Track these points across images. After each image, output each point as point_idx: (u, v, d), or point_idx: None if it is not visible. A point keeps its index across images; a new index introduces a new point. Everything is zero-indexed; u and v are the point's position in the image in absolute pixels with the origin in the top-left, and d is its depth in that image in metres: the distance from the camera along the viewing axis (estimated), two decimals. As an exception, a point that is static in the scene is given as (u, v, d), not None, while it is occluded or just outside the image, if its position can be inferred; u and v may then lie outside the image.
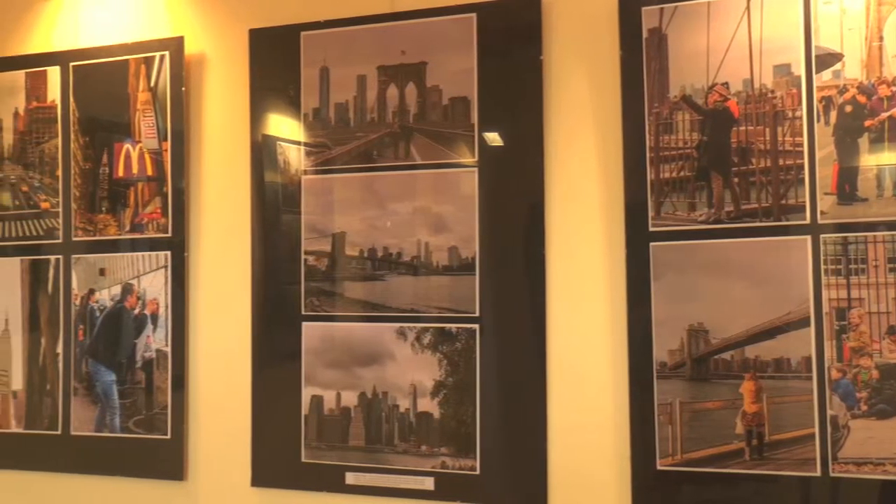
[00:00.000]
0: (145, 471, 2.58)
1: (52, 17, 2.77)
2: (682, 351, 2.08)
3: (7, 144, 2.78)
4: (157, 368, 2.57)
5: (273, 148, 2.48)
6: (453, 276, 2.27)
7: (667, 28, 2.11)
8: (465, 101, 2.27)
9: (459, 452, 2.25)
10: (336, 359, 2.38)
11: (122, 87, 2.63)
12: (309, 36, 2.44)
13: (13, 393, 2.74)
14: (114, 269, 2.65)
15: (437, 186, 2.29)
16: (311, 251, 2.41)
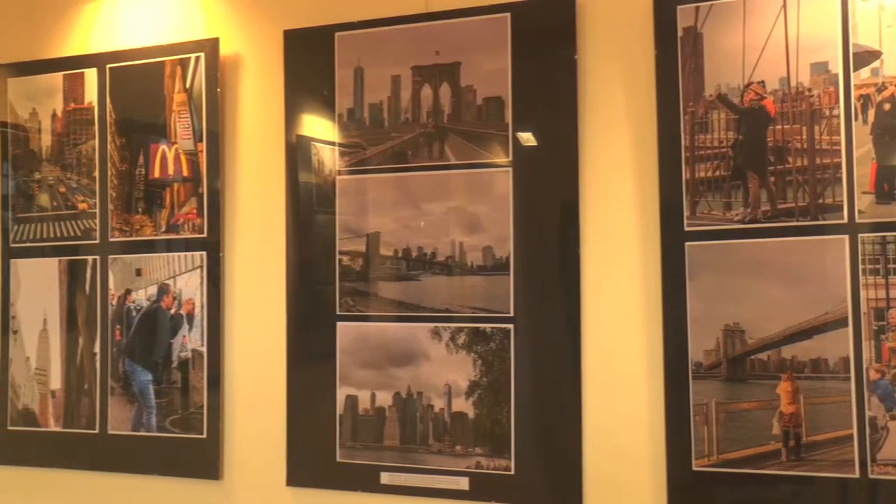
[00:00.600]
0: (181, 470, 2.70)
1: (89, 20, 2.91)
2: (718, 351, 2.15)
3: (45, 146, 2.93)
4: (192, 368, 2.70)
5: (307, 148, 2.59)
6: (487, 276, 2.36)
7: (702, 26, 2.19)
8: (500, 101, 2.37)
9: (494, 452, 2.34)
10: (371, 359, 2.48)
11: (158, 88, 2.76)
12: (343, 37, 2.55)
13: (52, 392, 2.89)
14: (150, 269, 2.78)
15: (472, 186, 2.39)
16: (345, 251, 2.52)
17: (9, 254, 2.96)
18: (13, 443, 2.92)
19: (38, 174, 2.93)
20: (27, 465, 2.90)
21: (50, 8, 2.97)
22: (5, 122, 2.97)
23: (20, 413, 2.91)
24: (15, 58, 2.98)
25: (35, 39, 2.97)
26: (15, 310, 2.95)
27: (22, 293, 2.94)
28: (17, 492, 2.92)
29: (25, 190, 2.95)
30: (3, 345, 2.95)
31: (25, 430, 2.91)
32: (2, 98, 2.97)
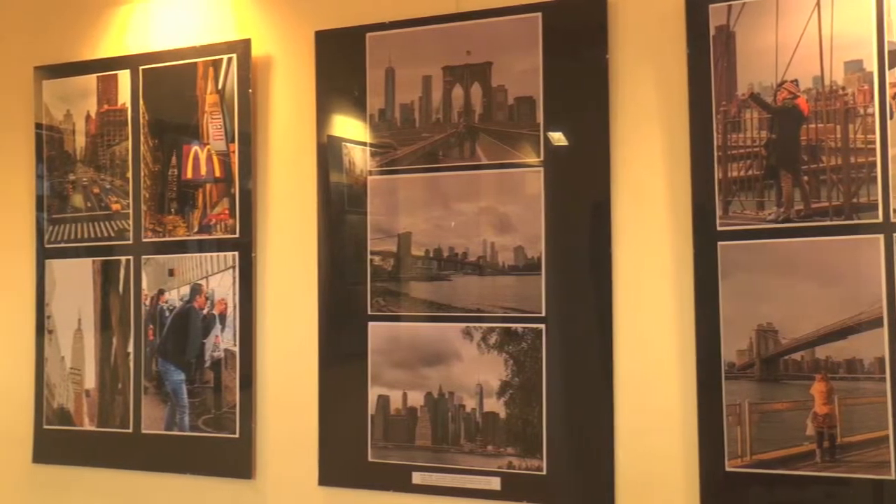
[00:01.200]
0: (214, 469, 2.81)
1: (122, 22, 3.04)
2: (751, 351, 2.22)
3: (79, 147, 3.06)
4: (225, 368, 2.81)
5: (338, 149, 2.70)
6: (519, 275, 2.45)
7: (734, 25, 2.26)
8: (531, 101, 2.45)
9: (526, 453, 2.42)
10: (402, 359, 2.58)
11: (191, 89, 2.88)
12: (374, 37, 2.64)
13: (86, 391, 3.02)
14: (183, 269, 2.90)
15: (503, 186, 2.47)
16: (377, 251, 2.62)
17: (44, 254, 3.10)
18: (49, 441, 3.05)
19: (73, 175, 3.07)
20: (63, 464, 3.04)
21: (84, 11, 3.10)
22: (40, 123, 3.11)
23: (55, 412, 3.05)
24: (50, 60, 3.11)
25: (69, 42, 3.11)
26: (50, 310, 3.08)
27: (57, 293, 3.08)
28: (53, 490, 3.06)
29: (60, 191, 3.08)
30: (39, 344, 3.08)
31: (61, 428, 3.04)
32: (37, 100, 3.11)
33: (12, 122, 3.20)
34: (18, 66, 3.17)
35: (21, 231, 3.17)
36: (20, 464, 3.10)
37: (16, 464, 3.11)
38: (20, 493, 3.11)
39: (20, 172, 3.18)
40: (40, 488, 3.08)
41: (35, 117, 3.12)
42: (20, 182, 3.18)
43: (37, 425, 3.08)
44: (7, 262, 3.19)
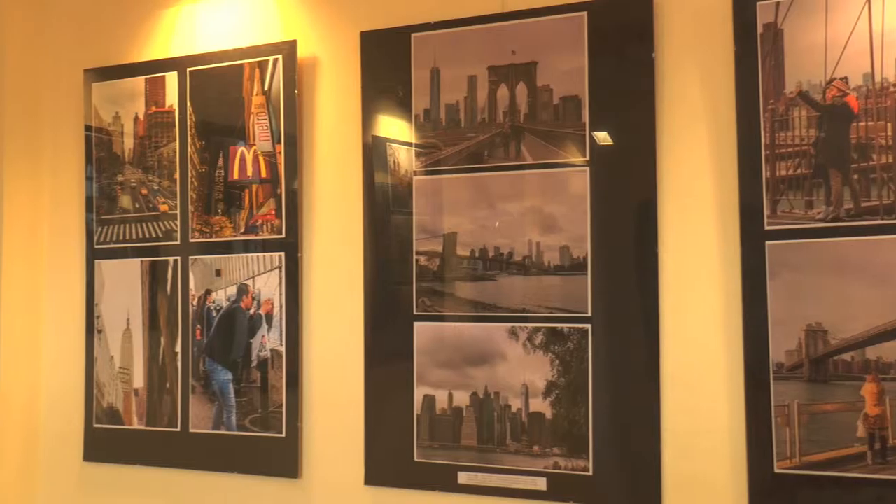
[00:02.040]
0: (261, 468, 2.94)
1: (169, 25, 3.19)
2: (800, 351, 2.28)
3: (128, 149, 3.22)
4: (271, 367, 2.94)
5: (383, 149, 2.81)
6: (565, 275, 2.54)
7: (782, 23, 2.32)
8: (576, 101, 2.54)
9: (572, 453, 2.51)
10: (448, 358, 2.68)
11: (237, 91, 3.02)
12: (420, 37, 2.75)
13: (135, 391, 3.17)
14: (229, 269, 3.04)
15: (548, 186, 2.57)
16: (422, 251, 2.73)
17: (93, 255, 3.26)
18: (99, 440, 3.22)
19: (121, 176, 3.23)
20: (112, 462, 3.20)
21: (131, 14, 3.26)
22: (90, 125, 3.27)
23: (105, 411, 3.21)
24: (99, 63, 3.28)
25: (118, 45, 3.27)
26: (99, 310, 3.24)
27: (106, 294, 3.24)
28: (103, 488, 3.22)
29: (109, 192, 3.25)
30: (89, 344, 3.25)
31: (110, 427, 3.20)
32: (86, 102, 3.28)
33: (62, 124, 3.37)
34: (68, 69, 3.35)
35: (71, 232, 3.33)
36: (71, 462, 3.27)
37: (67, 462, 3.28)
38: (71, 491, 3.28)
39: (70, 174, 3.35)
40: (91, 486, 3.25)
41: (84, 119, 3.29)
42: (70, 184, 3.35)
43: (87, 424, 3.24)
44: (58, 262, 3.36)
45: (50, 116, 3.40)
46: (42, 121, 3.40)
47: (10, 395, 3.24)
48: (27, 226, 3.34)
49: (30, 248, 3.34)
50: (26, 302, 3.33)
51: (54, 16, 3.41)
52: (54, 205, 3.38)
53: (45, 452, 3.34)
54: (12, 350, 3.26)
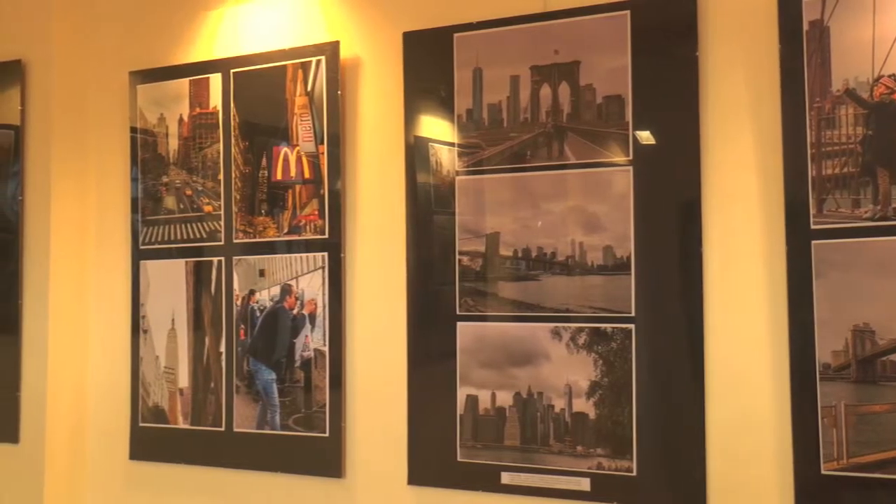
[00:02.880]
0: (304, 468, 3.04)
1: (213, 27, 3.31)
2: (847, 352, 2.32)
3: (172, 150, 3.34)
4: (315, 367, 3.04)
5: (425, 149, 2.89)
6: (608, 275, 2.60)
7: (829, 20, 2.36)
8: (620, 100, 2.60)
9: (616, 453, 2.58)
10: (491, 359, 2.76)
11: (280, 92, 3.12)
12: (462, 37, 2.83)
13: (180, 390, 3.29)
14: (273, 270, 3.14)
15: (591, 186, 2.63)
16: (465, 251, 2.80)
17: (138, 255, 3.39)
18: (145, 439, 3.34)
19: (166, 177, 3.35)
20: (157, 461, 3.32)
21: (176, 16, 3.38)
22: (135, 127, 3.40)
23: (150, 410, 3.34)
24: (144, 65, 3.40)
25: (163, 47, 3.39)
26: (145, 310, 3.37)
27: (151, 294, 3.36)
28: (148, 486, 3.35)
29: (154, 193, 3.37)
30: (135, 344, 3.38)
31: (156, 426, 3.32)
32: (132, 104, 3.41)
33: (108, 126, 3.51)
34: (114, 72, 3.48)
35: (117, 233, 3.46)
36: (118, 460, 3.40)
37: (114, 460, 3.41)
38: (118, 489, 3.41)
39: (116, 176, 3.48)
40: (137, 484, 3.37)
41: (130, 121, 3.42)
42: (116, 185, 3.48)
43: (133, 423, 3.37)
44: (104, 263, 3.49)
45: (96, 118, 3.54)
46: (88, 122, 3.54)
47: (59, 394, 3.38)
48: (74, 226, 3.48)
49: (77, 248, 3.49)
50: (74, 302, 3.47)
51: (101, 19, 3.55)
52: (100, 206, 3.52)
53: (93, 451, 3.48)
54: (61, 350, 3.40)
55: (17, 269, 3.42)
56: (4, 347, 3.42)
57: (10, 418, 3.39)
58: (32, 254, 3.41)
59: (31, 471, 3.35)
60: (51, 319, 3.38)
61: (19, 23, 3.47)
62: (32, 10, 3.45)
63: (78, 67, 3.51)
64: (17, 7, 3.48)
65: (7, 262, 3.44)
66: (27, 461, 3.36)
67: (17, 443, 3.39)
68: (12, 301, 3.42)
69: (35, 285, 3.40)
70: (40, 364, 3.36)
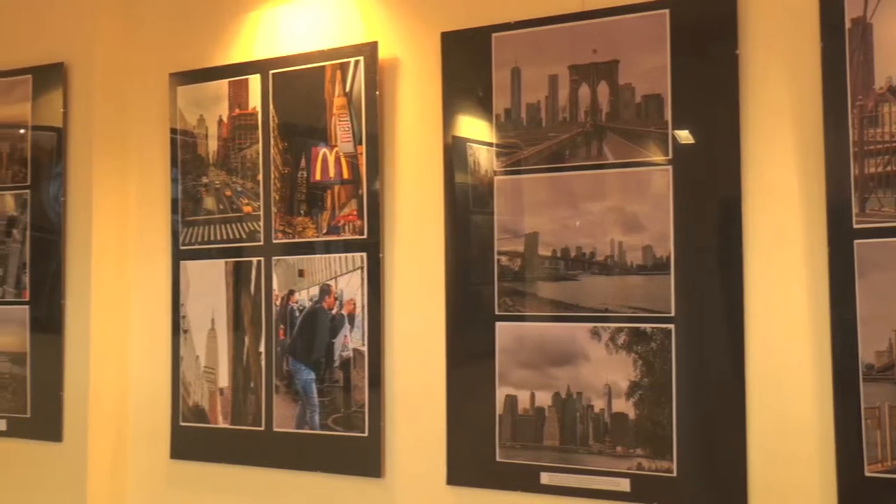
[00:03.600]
0: (344, 467, 3.10)
1: (252, 28, 3.39)
2: (891, 352, 2.34)
3: (212, 151, 3.43)
4: (354, 367, 3.11)
5: (463, 149, 2.95)
6: (647, 275, 2.64)
7: (872, 17, 2.39)
8: (659, 99, 2.64)
9: (655, 454, 2.62)
10: (529, 359, 2.81)
11: (319, 92, 3.20)
12: (500, 37, 2.88)
13: (220, 390, 3.38)
14: (312, 270, 3.21)
15: (631, 185, 2.67)
16: (504, 251, 2.86)
17: (178, 256, 3.48)
18: (185, 438, 3.43)
19: (206, 178, 3.44)
20: (198, 460, 3.41)
21: (215, 18, 3.47)
22: (175, 128, 3.50)
23: (191, 410, 3.43)
24: (184, 67, 3.50)
25: (202, 49, 3.48)
26: (185, 310, 3.46)
27: (191, 294, 3.45)
28: (189, 485, 3.44)
29: (194, 194, 3.46)
30: (175, 344, 3.47)
31: (196, 426, 3.41)
32: (172, 106, 3.50)
33: (149, 127, 3.60)
34: (154, 74, 3.57)
35: (157, 233, 3.56)
36: (159, 459, 3.50)
37: (155, 459, 3.51)
38: (159, 488, 3.51)
39: (156, 176, 3.58)
40: (178, 483, 3.47)
41: (170, 122, 3.51)
42: (156, 186, 3.58)
43: (174, 422, 3.46)
44: (145, 263, 3.59)
45: (137, 120, 3.64)
46: (129, 124, 3.65)
47: (101, 394, 3.49)
48: (116, 227, 3.58)
49: (118, 249, 3.59)
50: (115, 302, 3.57)
51: (141, 22, 3.65)
52: (141, 206, 3.62)
53: (134, 449, 3.58)
54: (102, 350, 3.51)
55: (59, 270, 3.53)
56: (48, 347, 3.53)
57: (53, 417, 3.50)
58: (75, 254, 3.52)
59: (74, 469, 3.46)
60: (93, 319, 3.49)
61: (62, 26, 3.58)
62: (75, 14, 3.56)
63: (119, 70, 3.62)
64: (59, 11, 3.59)
65: (50, 262, 3.56)
66: (70, 459, 3.48)
67: (60, 441, 3.50)
68: (55, 301, 3.54)
69: (77, 285, 3.51)
70: (83, 363, 3.47)
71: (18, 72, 3.64)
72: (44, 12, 3.63)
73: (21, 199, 3.61)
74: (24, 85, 3.63)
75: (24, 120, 3.63)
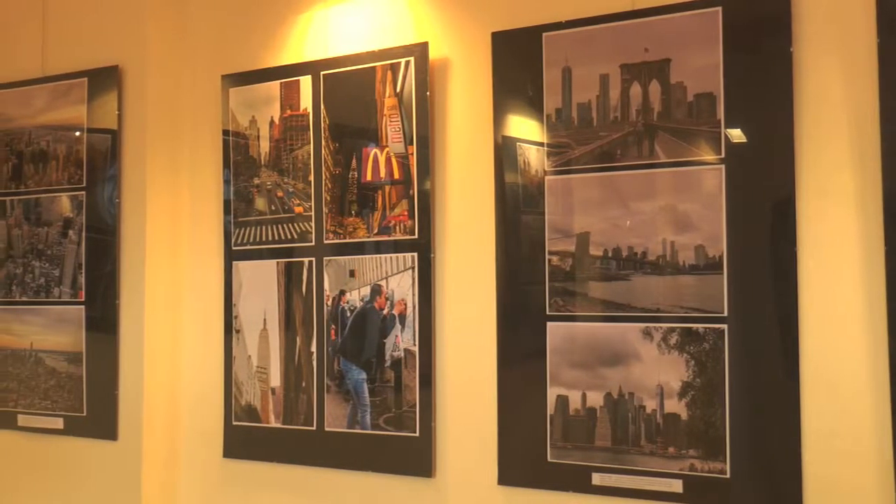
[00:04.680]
0: (395, 467, 3.18)
1: (303, 30, 3.48)
2: (949, 352, 2.37)
3: (264, 152, 3.53)
4: (405, 367, 3.19)
5: (513, 149, 3.00)
6: (700, 275, 2.68)
7: (929, 12, 2.42)
8: (711, 97, 2.68)
9: (708, 455, 2.65)
10: (581, 359, 2.86)
11: (370, 93, 3.28)
12: (551, 37, 2.94)
13: (272, 389, 3.48)
14: (363, 270, 3.30)
15: (682, 184, 2.71)
16: (554, 251, 2.91)
17: (231, 256, 3.59)
18: (238, 437, 3.53)
19: (257, 179, 3.54)
20: (250, 459, 3.51)
21: (266, 20, 3.57)
22: (227, 129, 3.60)
23: (243, 409, 3.53)
24: (235, 68, 3.60)
25: (254, 51, 3.58)
26: (237, 310, 3.56)
27: (243, 294, 3.55)
28: (242, 484, 3.54)
29: (245, 195, 3.56)
30: (228, 344, 3.58)
31: (248, 425, 3.51)
32: (224, 107, 3.61)
33: (201, 129, 3.72)
34: (207, 76, 3.69)
35: (209, 234, 3.67)
36: (212, 458, 3.60)
37: (208, 458, 3.62)
38: (212, 486, 3.61)
39: (208, 177, 3.69)
40: (230, 482, 3.57)
41: (222, 124, 3.62)
42: (208, 187, 3.68)
43: (226, 422, 3.56)
44: (199, 264, 3.70)
45: (190, 122, 3.75)
46: (182, 126, 3.76)
47: (155, 393, 3.61)
48: (169, 228, 3.70)
49: (171, 249, 3.71)
50: (169, 302, 3.69)
51: (194, 25, 3.77)
52: (194, 207, 3.73)
53: (187, 448, 3.69)
54: (156, 349, 3.62)
55: (114, 270, 3.65)
56: (103, 346, 3.66)
57: (108, 416, 3.63)
58: (129, 255, 3.64)
59: (128, 467, 3.58)
60: (147, 319, 3.60)
61: (116, 30, 3.70)
62: (129, 18, 3.68)
63: (172, 72, 3.73)
64: (114, 15, 3.71)
65: (105, 262, 3.68)
66: (125, 457, 3.60)
67: (115, 440, 3.62)
68: (110, 301, 3.66)
69: (131, 286, 3.63)
70: (137, 363, 3.59)
71: (74, 75, 3.77)
72: (99, 17, 3.76)
73: (77, 201, 3.74)
74: (79, 88, 3.76)
75: (80, 122, 3.75)
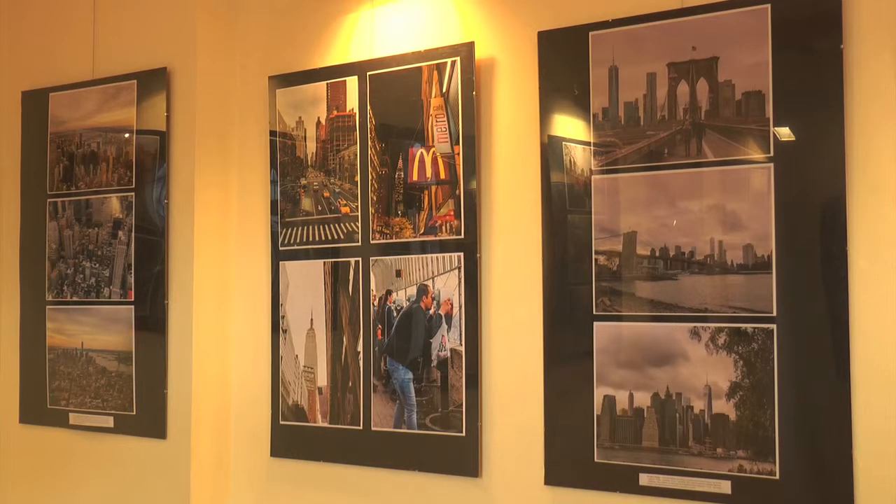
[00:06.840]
0: (441, 467, 3.25)
1: (349, 30, 3.57)
2: None
3: (310, 152, 3.63)
4: (451, 367, 3.26)
5: (559, 149, 3.06)
6: (748, 274, 2.72)
7: (982, 8, 2.44)
8: (760, 96, 2.72)
9: (757, 456, 2.69)
10: (628, 359, 2.91)
11: (416, 93, 3.36)
12: (597, 36, 2.99)
13: (319, 389, 3.57)
14: (409, 270, 3.38)
15: (730, 183, 2.75)
16: (601, 251, 2.97)
17: (278, 256, 3.69)
18: (285, 437, 3.63)
19: (304, 180, 3.64)
20: (298, 458, 3.60)
21: (312, 21, 3.66)
22: (274, 130, 3.70)
23: (290, 408, 3.63)
24: (282, 70, 3.70)
25: (300, 52, 3.68)
26: (284, 310, 3.66)
27: (290, 294, 3.65)
28: (289, 483, 3.64)
29: (292, 195, 3.66)
30: (275, 343, 3.68)
31: (295, 424, 3.61)
32: (271, 108, 3.71)
33: (249, 130, 3.82)
34: (254, 77, 3.79)
35: (257, 234, 3.77)
36: (260, 457, 3.71)
37: (256, 457, 3.72)
38: (260, 485, 3.72)
39: (256, 178, 3.79)
40: (278, 480, 3.67)
41: (269, 125, 3.72)
42: (256, 187, 3.79)
43: (274, 421, 3.67)
44: (247, 264, 3.81)
45: (237, 123, 3.86)
46: (230, 127, 3.87)
47: (203, 392, 3.71)
48: (217, 228, 3.81)
49: (219, 249, 3.82)
50: (217, 302, 3.80)
51: (241, 27, 3.87)
52: (241, 208, 3.84)
53: (236, 447, 3.80)
54: (204, 348, 3.73)
55: (163, 270, 3.77)
56: (153, 346, 3.77)
57: (158, 415, 3.74)
58: (178, 255, 3.75)
59: (178, 465, 3.70)
60: (195, 319, 3.71)
61: (165, 33, 3.82)
62: (177, 20, 3.79)
63: (220, 74, 3.84)
64: (162, 18, 3.83)
65: (154, 263, 3.80)
66: (174, 456, 3.71)
67: (164, 438, 3.74)
68: (159, 301, 3.77)
69: (180, 286, 3.74)
70: (185, 362, 3.70)
71: (123, 77, 3.89)
72: (147, 19, 3.88)
73: (126, 202, 3.87)
74: (128, 90, 3.88)
75: (129, 124, 3.88)
